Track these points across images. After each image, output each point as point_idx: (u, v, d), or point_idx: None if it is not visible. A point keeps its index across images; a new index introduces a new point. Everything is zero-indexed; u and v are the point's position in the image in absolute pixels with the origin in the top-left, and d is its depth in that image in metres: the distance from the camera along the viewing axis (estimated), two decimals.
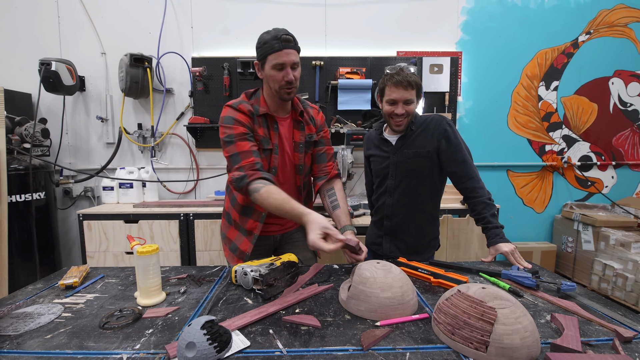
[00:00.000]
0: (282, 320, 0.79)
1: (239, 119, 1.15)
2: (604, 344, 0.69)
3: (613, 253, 2.37)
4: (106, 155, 2.59)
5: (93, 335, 0.73)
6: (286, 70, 1.11)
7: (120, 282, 1.04)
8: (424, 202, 1.34)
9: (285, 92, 1.15)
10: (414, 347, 0.68)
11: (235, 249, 1.31)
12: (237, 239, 1.31)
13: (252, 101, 1.22)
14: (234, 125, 1.14)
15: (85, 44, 2.54)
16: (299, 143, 1.26)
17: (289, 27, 2.82)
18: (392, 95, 1.23)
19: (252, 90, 1.26)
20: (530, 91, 2.73)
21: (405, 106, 1.24)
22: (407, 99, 1.22)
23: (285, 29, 1.12)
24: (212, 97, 2.55)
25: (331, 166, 1.35)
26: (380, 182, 1.39)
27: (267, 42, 1.10)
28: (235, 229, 1.32)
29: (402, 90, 1.21)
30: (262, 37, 1.13)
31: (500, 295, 0.70)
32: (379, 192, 1.40)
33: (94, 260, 2.15)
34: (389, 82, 1.24)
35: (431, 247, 1.40)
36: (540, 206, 2.85)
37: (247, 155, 1.12)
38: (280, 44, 1.08)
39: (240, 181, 1.10)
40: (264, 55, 1.12)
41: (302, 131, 1.27)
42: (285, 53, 1.09)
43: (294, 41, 1.12)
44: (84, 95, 2.59)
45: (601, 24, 2.70)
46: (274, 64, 1.10)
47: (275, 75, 1.12)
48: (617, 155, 2.82)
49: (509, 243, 1.16)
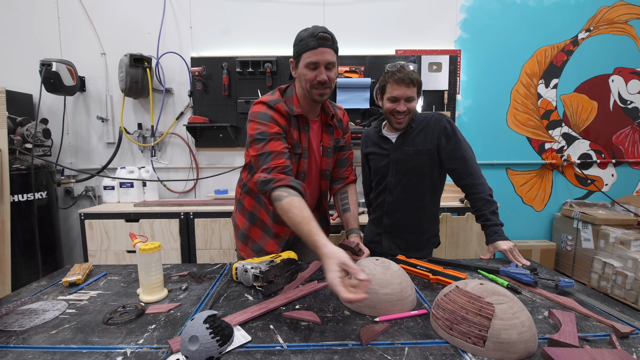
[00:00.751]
0: (283, 316, 0.80)
1: (276, 118, 1.09)
2: (601, 339, 0.70)
3: (613, 251, 2.38)
4: (107, 155, 2.60)
5: (97, 331, 0.74)
6: (319, 70, 1.06)
7: (123, 280, 1.05)
8: (424, 199, 1.35)
9: (317, 92, 1.09)
10: (413, 342, 0.69)
11: (260, 250, 1.26)
12: (261, 239, 1.26)
13: (285, 99, 1.15)
14: (269, 122, 1.07)
15: (85, 44, 2.54)
16: (328, 148, 1.24)
17: (287, 27, 2.82)
18: (394, 93, 1.22)
19: (284, 87, 1.20)
20: (529, 89, 2.74)
21: (407, 103, 1.24)
22: (408, 96, 1.22)
23: (324, 27, 1.06)
24: (211, 96, 2.56)
25: (350, 172, 1.36)
26: (380, 180, 1.39)
27: (304, 39, 1.05)
28: (260, 229, 1.26)
29: (403, 87, 1.21)
30: (300, 34, 1.08)
31: (498, 291, 0.71)
32: (378, 190, 1.40)
33: (95, 259, 2.16)
34: (390, 80, 1.23)
35: (430, 244, 1.41)
36: (539, 204, 2.86)
37: (279, 156, 1.04)
38: (317, 41, 1.03)
39: (265, 184, 1.02)
40: (299, 52, 1.07)
41: (331, 135, 1.25)
42: (320, 51, 1.04)
43: (331, 40, 1.06)
44: (84, 95, 2.60)
45: (601, 21, 2.70)
46: (308, 62, 1.05)
47: (307, 74, 1.06)
48: (617, 153, 2.82)
49: (508, 241, 1.17)
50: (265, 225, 1.25)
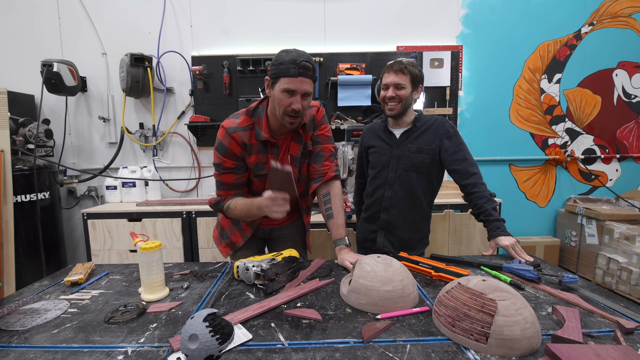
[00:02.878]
0: (284, 314, 0.80)
1: (231, 149, 1.13)
2: (605, 335, 0.70)
3: (617, 247, 2.36)
4: (109, 155, 2.61)
5: (98, 330, 0.75)
6: (295, 98, 1.04)
7: (125, 279, 1.06)
8: (421, 198, 1.35)
9: (288, 120, 1.08)
10: (415, 339, 0.69)
11: (227, 237, 1.33)
12: (229, 229, 1.32)
13: (254, 120, 1.15)
14: (224, 157, 1.14)
15: (86, 44, 2.55)
16: (296, 157, 1.22)
17: (288, 24, 2.81)
18: (385, 80, 1.30)
19: (255, 105, 1.17)
20: (532, 84, 2.71)
21: (397, 90, 1.27)
22: (397, 83, 1.27)
23: (306, 54, 1.04)
24: (213, 95, 2.56)
25: (328, 167, 1.26)
26: (377, 174, 1.39)
27: (284, 63, 1.02)
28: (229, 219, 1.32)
29: (393, 74, 1.27)
30: (281, 55, 1.04)
31: (501, 288, 0.70)
32: (375, 185, 1.40)
33: (98, 258, 2.17)
34: (384, 71, 1.31)
35: (422, 245, 1.42)
36: (543, 200, 2.84)
37: (229, 187, 1.20)
38: (297, 70, 1.01)
39: (217, 205, 1.22)
40: (277, 75, 1.04)
41: (299, 145, 1.21)
42: (299, 80, 1.02)
43: (312, 70, 1.04)
44: (85, 95, 2.60)
45: (604, 14, 2.67)
46: (285, 87, 1.03)
47: (282, 100, 1.05)
48: (622, 147, 2.79)
49: (510, 236, 1.16)
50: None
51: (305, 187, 1.31)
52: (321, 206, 1.27)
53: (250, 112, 1.16)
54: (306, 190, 1.32)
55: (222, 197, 1.21)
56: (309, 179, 1.29)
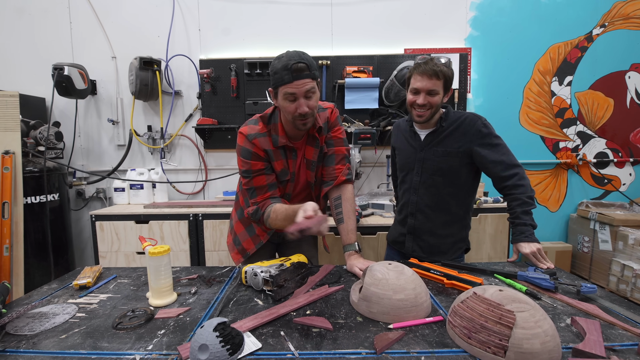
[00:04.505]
0: (293, 321, 0.78)
1: (256, 153, 1.12)
2: (628, 349, 0.67)
3: (632, 253, 2.30)
4: (117, 157, 2.63)
5: (106, 336, 0.74)
6: (299, 102, 1.01)
7: (132, 283, 1.05)
8: (449, 201, 1.28)
9: (300, 123, 1.06)
10: (429, 351, 0.67)
11: (239, 243, 1.31)
12: (241, 235, 1.31)
13: (270, 126, 1.14)
14: (251, 160, 1.12)
15: (96, 48, 2.58)
16: (312, 161, 1.20)
17: (295, 27, 2.81)
18: (416, 84, 1.17)
19: (270, 111, 1.16)
20: (542, 87, 2.67)
21: (429, 97, 1.16)
22: (430, 89, 1.15)
23: (298, 55, 1.00)
24: (220, 98, 2.57)
25: (340, 170, 1.23)
26: (405, 177, 1.34)
27: (278, 72, 1.00)
28: (243, 224, 1.31)
29: (426, 79, 1.15)
30: (274, 64, 1.02)
31: (519, 298, 0.68)
32: (403, 188, 1.36)
33: (106, 260, 2.18)
34: (415, 71, 1.18)
35: (457, 249, 1.33)
36: (554, 205, 2.78)
37: (263, 190, 1.14)
38: (291, 75, 0.98)
39: (255, 215, 1.17)
40: (276, 85, 1.03)
41: (316, 148, 1.19)
42: (296, 84, 0.99)
43: (307, 68, 1.00)
44: (95, 98, 2.63)
45: (616, 16, 2.62)
46: (285, 93, 1.01)
47: (287, 107, 1.03)
48: (635, 151, 2.72)
49: (533, 243, 1.11)
50: (250, 223, 1.29)
51: (319, 190, 1.30)
52: (332, 210, 1.25)
53: (265, 119, 1.15)
54: (320, 193, 1.32)
55: (259, 205, 1.15)
56: (322, 182, 1.28)
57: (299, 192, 1.25)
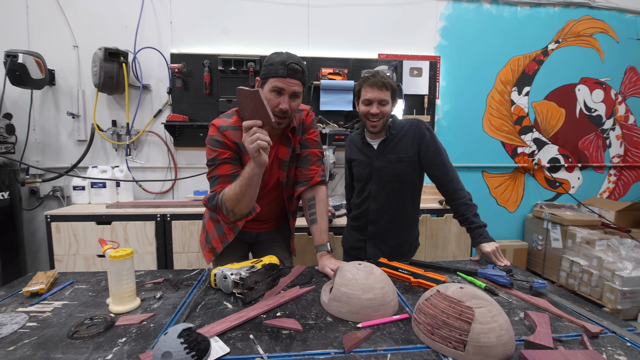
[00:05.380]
0: (263, 324, 0.78)
1: (226, 142, 1.10)
2: (573, 339, 0.73)
3: (579, 250, 2.51)
4: (77, 153, 2.46)
5: (61, 346, 0.69)
6: (283, 98, 1.05)
7: (91, 288, 0.99)
8: (406, 205, 1.37)
9: (276, 119, 1.05)
10: (395, 348, 0.69)
11: (209, 241, 1.29)
12: (211, 233, 1.29)
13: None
14: (220, 148, 1.10)
15: (56, 36, 2.40)
16: (284, 161, 1.20)
17: (271, 26, 2.78)
18: (367, 95, 1.25)
19: None
20: (503, 96, 2.85)
21: (380, 106, 1.25)
22: (381, 99, 1.24)
23: (297, 57, 1.06)
24: (192, 94, 2.49)
25: (315, 171, 1.25)
26: (363, 187, 1.39)
27: (274, 64, 1.03)
28: (213, 223, 1.29)
29: (376, 90, 1.23)
30: (271, 57, 1.06)
31: (477, 295, 0.72)
32: (362, 197, 1.40)
33: (62, 264, 2.04)
34: (364, 84, 1.26)
35: (413, 248, 1.43)
36: (512, 206, 2.98)
37: (227, 179, 1.11)
38: (286, 71, 1.03)
39: (211, 200, 1.10)
40: (267, 76, 1.05)
41: (288, 148, 1.19)
42: (287, 81, 1.04)
43: (302, 72, 1.06)
44: (53, 89, 2.45)
45: (569, 33, 2.86)
46: (274, 87, 1.04)
47: (271, 100, 1.05)
48: (583, 157, 2.99)
49: (491, 242, 1.20)
50: (219, 222, 1.27)
51: (292, 190, 1.30)
52: (305, 210, 1.27)
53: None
54: (292, 193, 1.31)
55: (217, 191, 1.12)
56: (295, 183, 1.29)
57: (269, 191, 1.24)
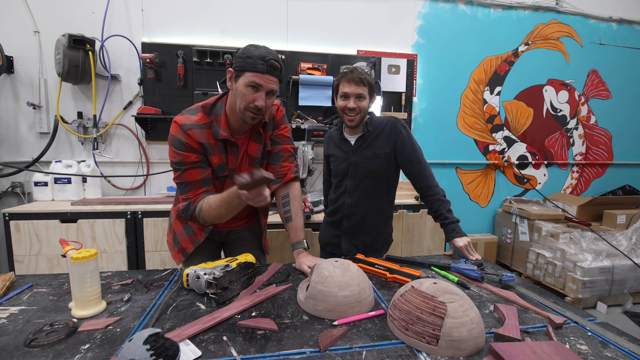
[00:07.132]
0: (237, 325, 0.76)
1: (190, 144, 1.04)
2: (539, 330, 0.77)
3: (545, 243, 2.66)
4: (39, 147, 2.29)
5: (16, 355, 0.64)
6: (260, 94, 1.00)
7: (52, 292, 0.93)
8: (381, 201, 1.39)
9: (249, 115, 1.03)
10: (370, 344, 0.70)
11: (177, 242, 1.24)
12: (180, 233, 1.23)
13: (212, 117, 1.07)
14: (184, 152, 1.04)
15: (14, 20, 2.21)
16: (255, 157, 1.17)
17: (249, 18, 2.71)
18: (345, 90, 1.27)
19: (212, 101, 1.09)
20: (476, 95, 2.94)
21: (357, 101, 1.26)
22: (358, 94, 1.26)
23: (275, 53, 1.02)
24: (165, 86, 2.38)
25: (287, 168, 1.23)
26: (339, 182, 1.40)
27: (252, 58, 0.98)
28: (180, 222, 1.23)
29: (354, 85, 1.25)
30: (249, 49, 1.00)
31: (450, 290, 0.74)
32: (338, 192, 1.41)
33: (23, 265, 1.90)
34: (342, 79, 1.28)
35: (386, 244, 1.46)
36: (484, 201, 3.10)
37: (197, 185, 1.07)
38: (265, 67, 0.98)
39: (186, 211, 1.08)
40: (243, 69, 0.99)
41: (259, 145, 1.16)
42: (266, 78, 0.99)
43: (280, 70, 1.02)
44: (12, 77, 2.26)
45: (537, 36, 2.99)
46: (251, 82, 0.99)
47: (246, 95, 1.00)
48: (549, 155, 3.16)
49: (464, 237, 1.24)
50: (187, 221, 1.22)
51: None
52: (279, 208, 1.23)
53: (207, 109, 1.08)
54: None
55: (190, 200, 1.07)
56: None
57: None
